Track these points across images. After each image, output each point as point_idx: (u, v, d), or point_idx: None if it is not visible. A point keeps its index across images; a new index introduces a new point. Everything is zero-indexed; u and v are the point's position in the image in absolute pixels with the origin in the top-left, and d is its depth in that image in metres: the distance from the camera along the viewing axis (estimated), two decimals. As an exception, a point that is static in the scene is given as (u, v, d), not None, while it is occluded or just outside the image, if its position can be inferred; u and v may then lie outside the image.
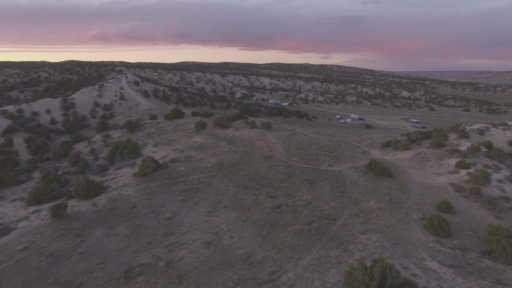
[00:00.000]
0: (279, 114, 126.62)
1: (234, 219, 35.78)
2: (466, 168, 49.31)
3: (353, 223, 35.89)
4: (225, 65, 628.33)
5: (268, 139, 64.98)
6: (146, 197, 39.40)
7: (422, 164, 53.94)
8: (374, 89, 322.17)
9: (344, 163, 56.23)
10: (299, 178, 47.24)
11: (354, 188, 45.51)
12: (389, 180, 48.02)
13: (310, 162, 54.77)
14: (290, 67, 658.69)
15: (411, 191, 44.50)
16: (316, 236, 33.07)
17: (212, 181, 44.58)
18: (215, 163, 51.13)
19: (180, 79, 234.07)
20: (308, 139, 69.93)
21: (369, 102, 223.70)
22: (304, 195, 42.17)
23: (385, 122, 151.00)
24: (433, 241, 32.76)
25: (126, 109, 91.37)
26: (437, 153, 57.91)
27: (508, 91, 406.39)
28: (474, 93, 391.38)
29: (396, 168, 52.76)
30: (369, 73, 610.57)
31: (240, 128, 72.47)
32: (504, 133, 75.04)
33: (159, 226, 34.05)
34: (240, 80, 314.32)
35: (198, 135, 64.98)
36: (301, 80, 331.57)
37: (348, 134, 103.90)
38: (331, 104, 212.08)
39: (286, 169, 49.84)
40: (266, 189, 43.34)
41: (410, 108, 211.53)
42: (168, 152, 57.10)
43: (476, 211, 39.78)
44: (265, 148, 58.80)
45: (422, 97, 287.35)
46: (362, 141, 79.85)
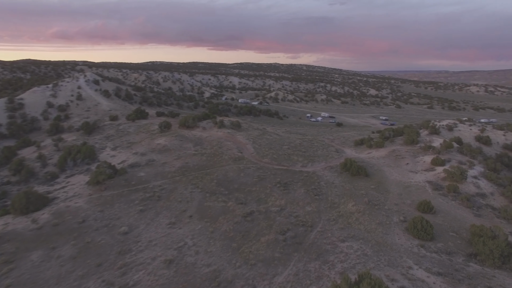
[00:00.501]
0: (249, 113, 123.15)
1: (200, 230, 31.68)
2: (442, 165, 48.10)
3: (332, 229, 32.91)
4: (194, 65, 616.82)
5: (237, 140, 61.17)
6: (99, 209, 34.34)
7: (397, 162, 52.31)
8: (343, 88, 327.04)
9: (318, 163, 53.56)
10: (272, 180, 43.85)
11: (330, 189, 42.74)
12: (366, 180, 45.73)
13: (282, 163, 51.60)
14: (259, 66, 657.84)
15: (389, 191, 42.36)
16: (292, 246, 29.70)
17: (176, 188, 40.14)
18: (180, 167, 46.64)
19: (146, 79, 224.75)
20: (279, 139, 66.86)
21: (338, 101, 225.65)
22: (278, 200, 38.78)
23: (355, 120, 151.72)
24: (417, 246, 30.40)
25: (84, 110, 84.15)
26: (411, 150, 56.67)
27: (464, 90, 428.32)
28: (436, 91, 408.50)
29: (372, 167, 50.72)
30: (337, 72, 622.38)
31: (207, 128, 68.13)
32: (471, 128, 75.84)
33: (112, 243, 29.28)
34: (209, 80, 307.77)
35: (162, 136, 59.97)
36: (270, 79, 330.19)
37: (320, 133, 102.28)
38: (301, 102, 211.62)
39: (257, 172, 46.29)
40: (236, 195, 39.54)
41: (378, 106, 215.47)
42: (128, 156, 51.80)
43: (455, 209, 38.16)
44: (234, 149, 54.95)
45: (388, 95, 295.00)
46: (335, 139, 78.03)
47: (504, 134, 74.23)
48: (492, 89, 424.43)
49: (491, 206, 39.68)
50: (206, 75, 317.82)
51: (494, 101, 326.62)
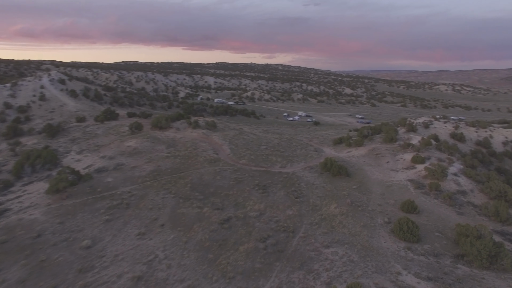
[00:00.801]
0: (225, 113, 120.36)
1: (173, 241, 28.89)
2: (422, 163, 47.49)
3: (315, 234, 31.00)
4: (169, 64, 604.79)
5: (213, 140, 58.45)
6: (58, 221, 30.75)
7: (378, 161, 51.37)
8: (319, 87, 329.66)
9: (298, 163, 51.80)
10: (250, 183, 41.55)
11: (311, 191, 40.95)
12: (347, 180, 44.31)
13: (260, 164, 49.42)
14: (235, 66, 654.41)
15: (371, 191, 41.08)
16: (273, 255, 27.50)
17: (147, 193, 37.02)
18: (151, 170, 43.43)
19: (118, 79, 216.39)
20: (257, 139, 64.68)
21: (314, 100, 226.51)
22: (257, 204, 36.52)
23: (332, 118, 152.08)
24: (404, 249, 29.02)
25: (48, 111, 78.54)
26: (390, 148, 56.02)
27: (434, 89, 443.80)
28: (407, 90, 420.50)
29: (353, 166, 49.48)
30: (313, 72, 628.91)
31: (181, 129, 64.92)
32: (446, 126, 76.72)
33: (72, 259, 25.97)
34: (184, 80, 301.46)
35: (132, 138, 56.28)
36: (246, 79, 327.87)
37: (298, 132, 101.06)
38: (277, 102, 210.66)
39: (234, 174, 43.84)
40: (212, 199, 36.94)
41: (354, 105, 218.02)
42: (94, 160, 47.93)
43: (438, 208, 37.31)
44: (209, 150, 52.22)
45: (363, 94, 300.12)
46: (313, 138, 76.79)
47: (476, 131, 75.60)
48: (459, 88, 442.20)
49: (472, 203, 39.20)
50: (181, 75, 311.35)
51: (461, 99, 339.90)
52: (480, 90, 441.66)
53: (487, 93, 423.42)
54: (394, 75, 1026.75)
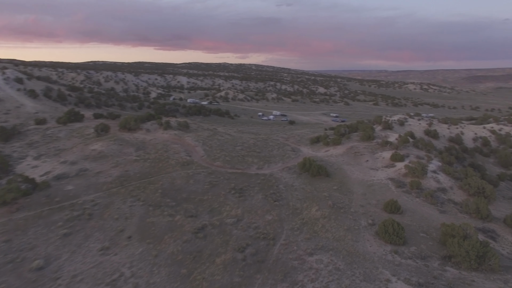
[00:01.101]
0: (198, 113, 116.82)
1: (141, 255, 25.85)
2: (401, 161, 46.75)
3: (297, 240, 28.93)
4: (140, 64, 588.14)
5: (186, 142, 55.31)
6: (4, 238, 26.83)
7: (357, 160, 50.24)
8: (293, 86, 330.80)
9: (275, 164, 49.76)
10: (225, 187, 38.98)
11: (290, 193, 38.95)
12: (327, 181, 42.70)
13: (236, 165, 46.96)
14: (208, 66, 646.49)
15: (353, 191, 39.64)
16: (254, 266, 25.14)
17: (112, 202, 33.59)
18: (118, 176, 39.86)
19: (86, 79, 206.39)
20: (232, 139, 62.12)
21: (289, 99, 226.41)
22: (233, 209, 34.04)
23: (306, 117, 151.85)
24: (391, 252, 27.52)
25: (2, 112, 72.05)
26: (368, 146, 55.15)
27: (403, 87, 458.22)
28: (378, 89, 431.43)
29: (332, 165, 48.02)
30: (286, 72, 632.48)
31: (152, 131, 61.24)
32: (420, 123, 77.43)
33: (19, 285, 22.40)
34: (156, 80, 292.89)
35: (98, 141, 52.12)
36: (220, 79, 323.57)
37: (273, 131, 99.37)
38: (252, 101, 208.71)
39: (208, 177, 41.10)
40: (185, 206, 34.08)
41: (328, 104, 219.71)
42: (54, 165, 43.61)
43: (421, 207, 36.37)
44: (182, 152, 49.13)
45: (337, 93, 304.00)
46: (289, 137, 75.20)
47: (448, 128, 76.78)
48: (426, 87, 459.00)
49: (452, 201, 38.63)
50: (153, 75, 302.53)
51: (429, 97, 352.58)
52: (445, 89, 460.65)
53: (452, 92, 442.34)
54: (365, 74, 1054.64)
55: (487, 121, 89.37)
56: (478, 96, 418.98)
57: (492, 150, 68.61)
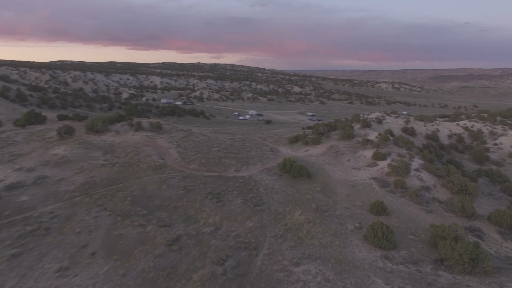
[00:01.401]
0: (172, 113, 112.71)
1: (107, 275, 22.67)
2: (383, 159, 45.66)
3: (281, 249, 26.65)
4: (111, 64, 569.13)
5: (158, 144, 51.89)
6: None
7: (338, 159, 48.73)
8: (268, 86, 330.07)
9: (254, 165, 47.41)
10: (202, 191, 36.19)
11: (271, 197, 36.69)
12: (309, 182, 40.77)
13: (213, 168, 44.21)
14: (182, 66, 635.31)
15: (336, 193, 37.90)
16: (235, 281, 22.59)
17: (75, 213, 29.99)
18: (83, 183, 36.10)
19: (51, 78, 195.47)
20: (207, 140, 59.21)
21: (264, 98, 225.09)
22: (211, 216, 31.34)
23: (283, 116, 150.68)
24: (381, 258, 25.78)
25: (-47, 115, 65.53)
26: (349, 145, 53.88)
27: (376, 86, 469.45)
28: (352, 88, 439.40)
29: (313, 166, 46.22)
30: (261, 71, 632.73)
31: (122, 132, 57.26)
32: (397, 120, 77.51)
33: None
34: (128, 80, 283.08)
35: (60, 145, 47.72)
36: (194, 79, 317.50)
37: (250, 131, 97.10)
38: (227, 101, 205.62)
39: (183, 181, 38.14)
40: (158, 214, 31.04)
41: (304, 103, 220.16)
42: (7, 173, 39.06)
43: (407, 207, 35.12)
44: (154, 155, 45.78)
45: (312, 92, 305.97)
46: (267, 137, 73.16)
47: (424, 125, 77.36)
48: (397, 85, 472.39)
49: (437, 199, 37.71)
50: (124, 75, 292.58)
51: (400, 96, 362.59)
52: (415, 88, 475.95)
53: (421, 91, 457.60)
54: (338, 74, 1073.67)
55: (459, 118, 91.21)
56: (445, 95, 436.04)
57: (466, 147, 69.50)
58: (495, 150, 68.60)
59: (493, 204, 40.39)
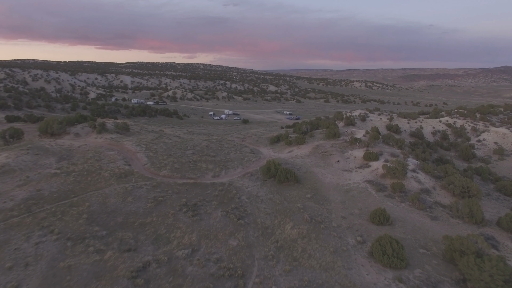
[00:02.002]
0: (143, 114, 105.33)
1: (43, 329, 16.76)
2: (375, 160, 41.74)
3: (275, 275, 21.66)
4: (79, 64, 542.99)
5: (125, 147, 45.60)
6: None
7: (326, 160, 44.38)
8: (243, 85, 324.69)
9: (233, 169, 42.24)
10: (175, 203, 30.61)
11: (256, 207, 31.66)
12: (297, 188, 36.07)
13: (187, 174, 38.64)
14: (154, 66, 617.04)
15: (329, 200, 33.40)
16: (219, 328, 17.36)
17: (8, 239, 23.61)
18: (25, 198, 29.53)
19: (7, 77, 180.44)
20: (181, 142, 53.39)
21: (240, 97, 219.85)
22: (186, 235, 25.90)
23: (260, 115, 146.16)
24: (394, 281, 21.38)
25: None
26: (336, 144, 49.77)
27: (350, 85, 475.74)
28: (327, 86, 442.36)
29: (300, 168, 41.59)
30: (235, 71, 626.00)
31: (82, 135, 50.37)
32: (381, 118, 74.67)
33: None
34: (96, 79, 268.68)
35: (3, 151, 40.43)
36: (167, 78, 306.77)
37: (227, 131, 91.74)
38: (202, 101, 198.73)
39: (153, 191, 32.37)
40: (120, 234, 25.21)
41: (280, 102, 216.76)
42: None
43: (409, 214, 31.12)
44: (119, 161, 39.58)
45: (287, 91, 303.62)
46: (246, 137, 68.08)
47: (408, 122, 74.95)
48: (370, 84, 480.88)
49: (440, 203, 34.04)
50: (92, 74, 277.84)
51: (374, 94, 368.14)
52: (387, 86, 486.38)
53: (393, 89, 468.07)
54: (311, 73, 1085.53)
55: (440, 115, 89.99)
56: (416, 93, 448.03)
57: (452, 144, 67.50)
58: (480, 146, 67.02)
59: (496, 207, 37.32)
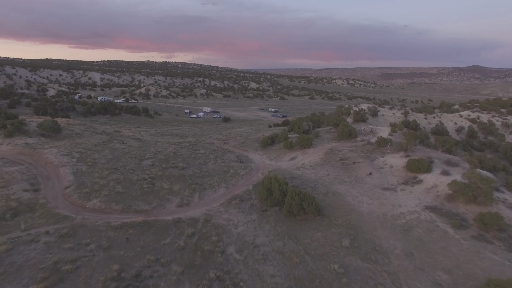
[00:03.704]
0: (104, 111, 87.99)
1: None
2: (427, 171, 27.44)
3: None
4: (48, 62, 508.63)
5: (43, 158, 29.44)
6: None
7: (351, 172, 29.67)
8: (223, 82, 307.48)
9: (213, 190, 27.09)
10: (95, 276, 15.07)
11: (256, 273, 16.70)
12: (321, 224, 21.15)
13: (136, 203, 23.14)
14: (130, 64, 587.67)
15: (384, 250, 18.64)
16: None
17: None
18: None
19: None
20: (138, 147, 37.62)
21: (220, 94, 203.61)
22: None
23: (242, 113, 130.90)
24: None
25: None
26: (355, 147, 35.24)
27: (332, 82, 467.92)
28: (308, 84, 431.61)
29: (316, 187, 26.69)
30: (214, 69, 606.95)
31: (-17, 139, 33.66)
32: (393, 112, 61.15)
33: None
34: (61, 76, 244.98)
35: None
36: (141, 75, 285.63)
37: (205, 131, 76.22)
38: (177, 98, 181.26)
39: (55, 250, 16.68)
40: None
41: (263, 99, 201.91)
42: None
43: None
44: (20, 183, 23.53)
45: (270, 88, 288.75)
46: (228, 139, 52.96)
47: (425, 117, 61.81)
48: (352, 82, 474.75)
49: None
50: (56, 70, 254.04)
51: (357, 91, 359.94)
52: (369, 84, 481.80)
53: (375, 87, 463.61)
54: (291, 72, 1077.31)
55: (450, 110, 77.78)
56: (398, 90, 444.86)
57: (484, 143, 54.61)
58: (517, 145, 54.35)
59: None
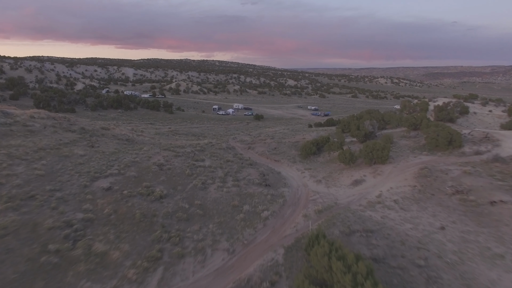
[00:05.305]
0: (118, 105, 76.99)
1: None
2: None
3: None
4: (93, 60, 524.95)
5: None
6: None
7: (491, 224, 13.72)
8: (259, 79, 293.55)
9: (196, 259, 12.67)
10: None
11: None
12: None
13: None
14: (168, 62, 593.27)
15: None
16: None
17: None
18: None
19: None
20: (110, 154, 24.14)
21: (254, 91, 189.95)
22: None
23: (278, 111, 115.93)
24: None
25: None
26: (474, 167, 19.11)
27: (374, 81, 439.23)
28: (349, 83, 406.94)
29: (425, 265, 11.26)
30: (251, 68, 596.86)
31: None
32: (490, 110, 43.25)
33: None
34: (95, 71, 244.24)
35: None
36: (175, 71, 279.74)
37: (230, 130, 62.45)
38: (209, 94, 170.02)
39: None
40: None
41: (300, 96, 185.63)
42: None
43: None
44: None
45: (308, 86, 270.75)
46: (256, 141, 38.61)
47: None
48: (397, 80, 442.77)
49: None
50: (91, 66, 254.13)
51: (402, 91, 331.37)
52: (415, 83, 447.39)
53: (422, 86, 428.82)
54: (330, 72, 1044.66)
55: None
56: (448, 90, 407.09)
57: None
58: None
59: None
